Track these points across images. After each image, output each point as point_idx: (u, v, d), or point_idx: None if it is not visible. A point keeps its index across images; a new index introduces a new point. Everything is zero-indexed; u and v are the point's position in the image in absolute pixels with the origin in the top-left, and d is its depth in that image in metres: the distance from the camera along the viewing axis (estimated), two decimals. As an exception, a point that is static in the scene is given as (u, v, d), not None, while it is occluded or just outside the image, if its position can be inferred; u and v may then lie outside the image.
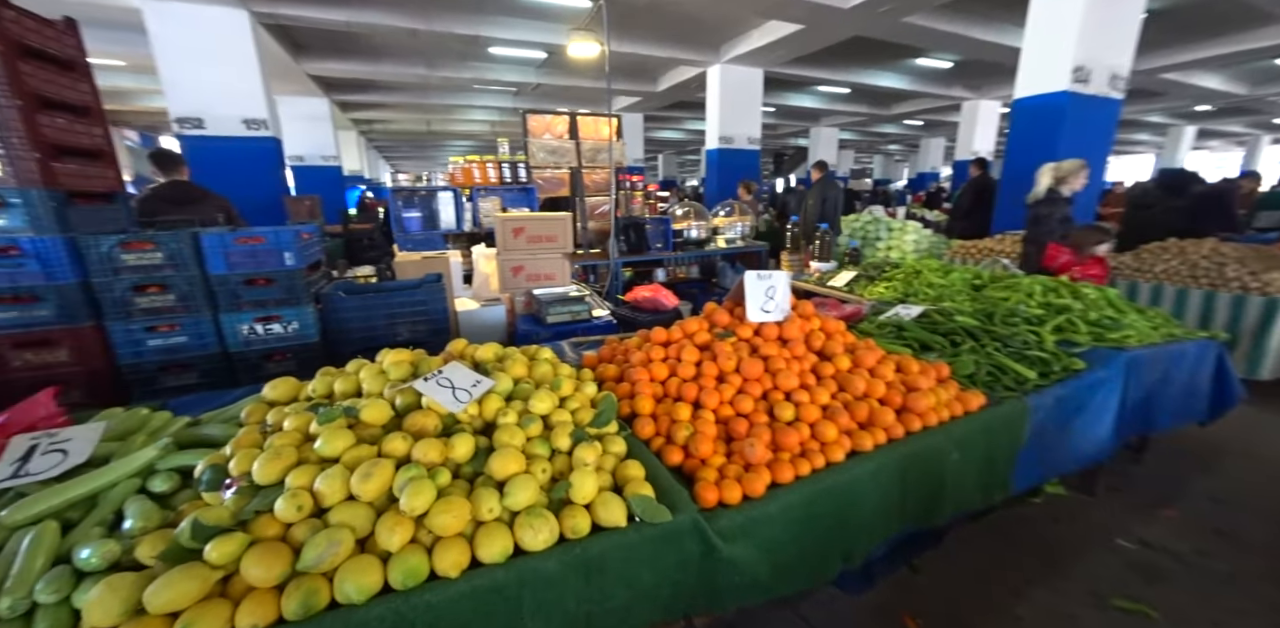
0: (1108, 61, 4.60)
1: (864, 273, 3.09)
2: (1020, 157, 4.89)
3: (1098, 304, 2.15)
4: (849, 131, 16.88)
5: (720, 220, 4.82)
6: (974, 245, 4.21)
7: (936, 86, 10.99)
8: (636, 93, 11.01)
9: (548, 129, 3.83)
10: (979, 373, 1.60)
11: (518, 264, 2.66)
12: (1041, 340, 1.84)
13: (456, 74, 8.82)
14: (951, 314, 2.00)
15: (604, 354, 1.59)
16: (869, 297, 2.71)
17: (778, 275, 1.54)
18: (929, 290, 2.48)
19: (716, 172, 8.91)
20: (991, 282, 2.48)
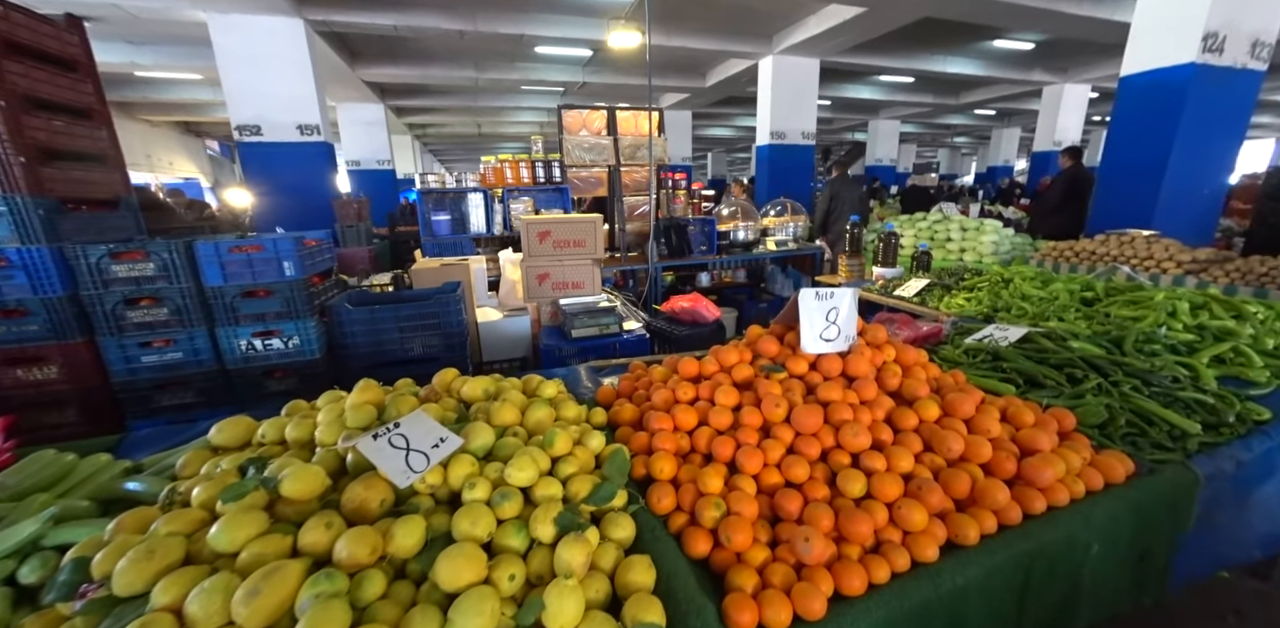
0: (1250, 25, 3.80)
1: (938, 281, 2.64)
2: (1126, 145, 4.18)
3: (1273, 327, 1.65)
4: (911, 124, 15.72)
5: (770, 221, 4.43)
6: (1070, 248, 3.59)
7: (1015, 71, 9.93)
8: (684, 89, 10.67)
9: (584, 125, 3.61)
10: (1114, 424, 1.20)
11: (543, 271, 2.44)
12: (1198, 377, 1.40)
13: (504, 75, 8.83)
14: (1064, 338, 1.58)
15: (624, 388, 1.31)
16: (947, 311, 2.28)
17: (842, 294, 1.20)
18: (1025, 305, 2.03)
19: (768, 169, 8.43)
20: (1108, 295, 2.00)
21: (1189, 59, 3.71)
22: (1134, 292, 1.93)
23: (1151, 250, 3.25)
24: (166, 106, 9.42)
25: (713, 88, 10.27)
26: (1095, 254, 3.49)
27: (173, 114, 10.12)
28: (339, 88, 8.46)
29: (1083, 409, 1.23)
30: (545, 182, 3.49)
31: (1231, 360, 1.48)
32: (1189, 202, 4.12)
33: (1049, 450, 1.01)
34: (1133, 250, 3.33)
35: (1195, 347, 1.52)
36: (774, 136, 8.27)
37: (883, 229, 3.18)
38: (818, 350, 1.16)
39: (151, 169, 10.21)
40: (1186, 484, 1.04)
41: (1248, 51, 3.86)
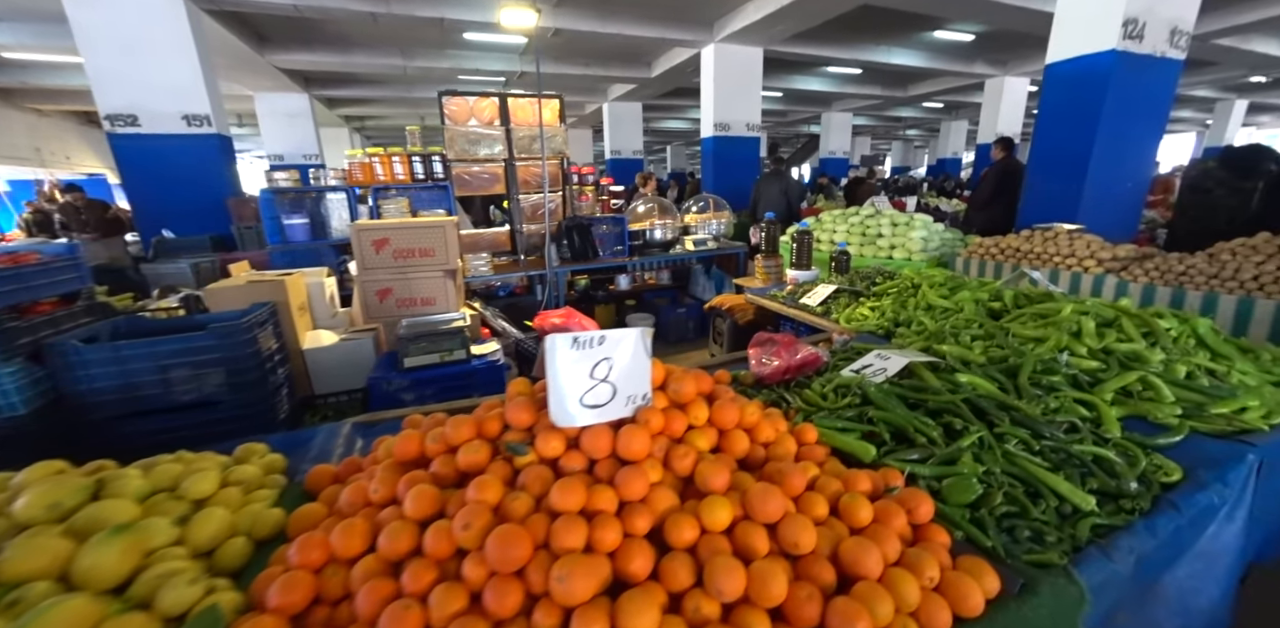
0: (1167, 13, 3.65)
1: (848, 286, 2.34)
2: (1053, 133, 3.99)
3: (1184, 347, 1.38)
4: (863, 117, 15.66)
5: (692, 218, 4.08)
6: (995, 244, 3.38)
7: (957, 63, 9.85)
8: (631, 79, 10.21)
9: (473, 114, 3.16)
10: (989, 501, 0.89)
11: (384, 286, 2.02)
12: (1101, 420, 1.11)
13: (435, 64, 8.19)
14: (953, 370, 1.28)
15: (344, 469, 0.93)
16: (847, 324, 1.98)
17: (620, 338, 0.85)
18: (925, 319, 1.74)
19: (713, 162, 8.10)
20: (1016, 305, 1.72)
21: (1110, 46, 3.52)
22: (1040, 304, 1.65)
23: (1074, 247, 3.04)
24: (56, 94, 8.38)
25: (659, 78, 9.85)
26: (1020, 251, 3.28)
27: (66, 102, 9.03)
28: (250, 75, 7.67)
29: (952, 484, 0.91)
30: (426, 178, 3.04)
31: (1139, 394, 1.20)
32: (1113, 194, 3.98)
33: (876, 577, 0.68)
34: (1055, 247, 3.12)
35: (1100, 377, 1.24)
36: (718, 128, 7.93)
37: (797, 227, 2.87)
38: (574, 423, 0.80)
39: (43, 164, 9.12)
40: (1067, 606, 0.73)
41: (1167, 39, 3.70)
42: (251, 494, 0.81)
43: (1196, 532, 0.92)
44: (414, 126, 3.33)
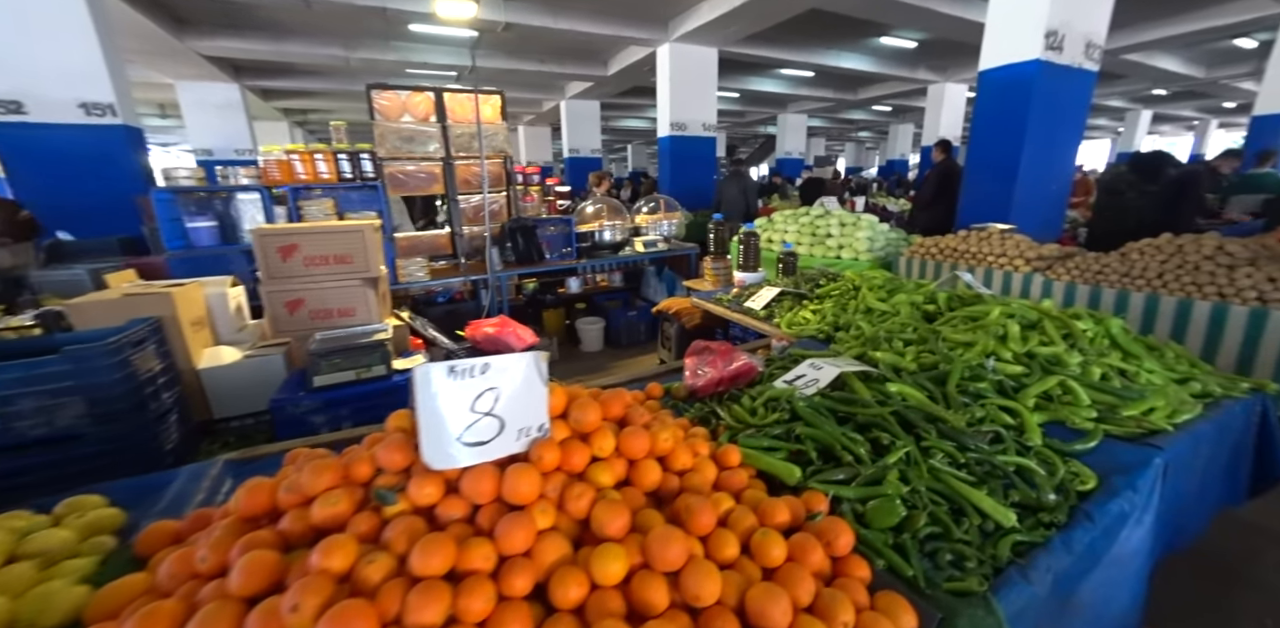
0: (1082, 27, 3.85)
1: (792, 289, 2.32)
2: (987, 136, 4.16)
3: (1100, 347, 1.41)
4: (817, 118, 16.06)
5: (643, 218, 4.01)
6: (935, 244, 3.47)
7: (902, 69, 10.21)
8: (587, 77, 10.03)
9: (406, 109, 2.96)
10: (913, 524, 0.85)
11: (295, 297, 1.83)
12: (1024, 431, 1.10)
13: (380, 56, 7.77)
14: (884, 379, 1.25)
15: (186, 526, 0.78)
16: (788, 329, 1.94)
17: (508, 365, 0.75)
18: (864, 323, 1.72)
19: (670, 161, 8.06)
20: (949, 308, 1.73)
21: (1034, 55, 3.68)
22: (971, 306, 1.66)
23: (1005, 247, 3.16)
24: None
25: (617, 77, 9.73)
26: (957, 251, 3.38)
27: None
28: (169, 62, 7.04)
29: (876, 507, 0.86)
30: (354, 178, 2.82)
31: (1059, 398, 1.21)
32: (1040, 195, 4.18)
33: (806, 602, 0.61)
34: (989, 247, 3.23)
35: (1023, 382, 1.24)
36: (675, 128, 7.89)
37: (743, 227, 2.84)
38: (454, 463, 0.70)
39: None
40: (985, 637, 0.69)
41: (1082, 52, 3.91)
42: (55, 568, 0.66)
43: (1109, 541, 0.91)
44: (339, 122, 3.08)
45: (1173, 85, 11.72)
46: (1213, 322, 2.27)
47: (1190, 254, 2.46)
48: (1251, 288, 2.20)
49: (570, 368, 3.36)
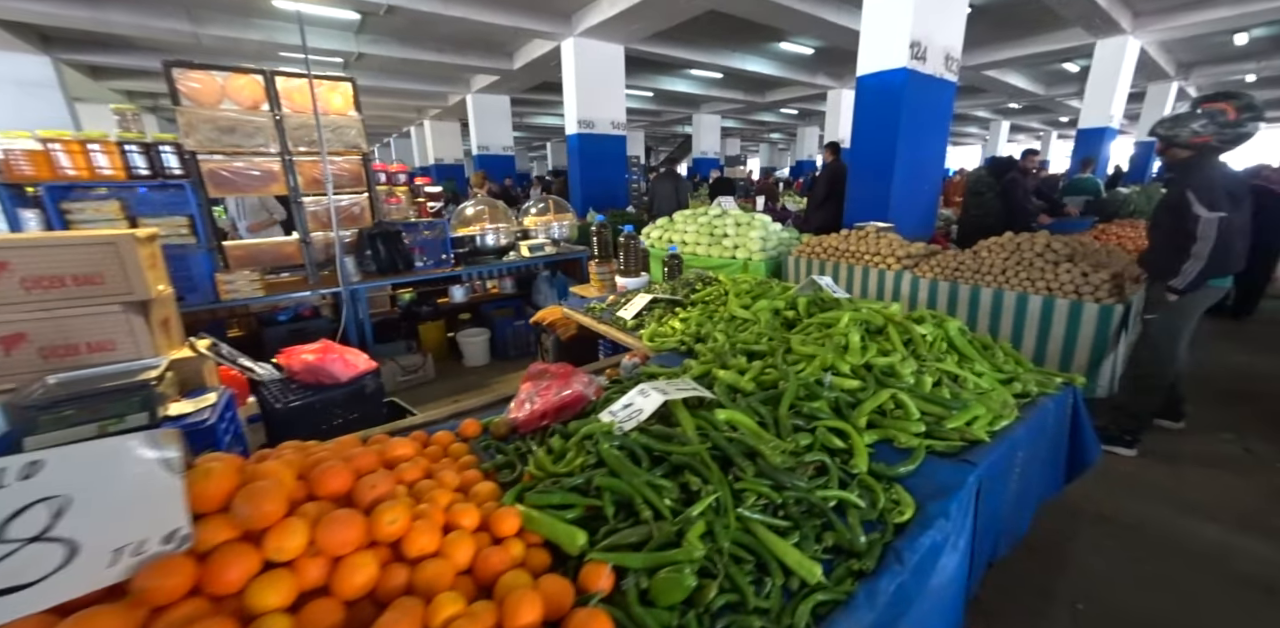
0: (941, 41, 4.13)
1: (667, 295, 2.19)
2: (866, 138, 4.34)
3: (938, 351, 1.39)
4: (731, 119, 16.50)
5: (531, 220, 3.75)
6: (820, 243, 3.55)
7: (802, 74, 10.68)
8: (493, 70, 9.49)
9: (226, 94, 2.49)
10: (702, 598, 0.70)
11: (11, 331, 1.40)
12: (854, 454, 1.01)
13: (238, 35, 6.78)
14: (718, 404, 1.12)
15: None
16: (649, 342, 1.80)
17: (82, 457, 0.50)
18: (719, 334, 1.61)
19: (579, 160, 7.80)
20: (808, 314, 1.67)
21: (902, 64, 3.88)
22: (828, 312, 1.60)
23: (879, 245, 3.28)
24: None
25: (524, 71, 9.29)
26: (838, 250, 3.47)
27: None
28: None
29: (662, 581, 0.71)
30: (153, 174, 2.31)
31: (892, 413, 1.15)
32: (914, 195, 4.44)
33: None
34: (866, 245, 3.34)
35: (859, 397, 1.17)
36: (582, 125, 7.65)
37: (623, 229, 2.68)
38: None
39: None
40: None
41: (943, 63, 4.19)
42: None
43: (921, 580, 0.83)
44: (128, 106, 2.52)
45: (1022, 100, 13.33)
46: (1044, 313, 2.45)
47: (1026, 251, 2.65)
48: (1070, 282, 2.39)
49: (449, 386, 3.04)
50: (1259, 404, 2.78)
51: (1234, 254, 1.98)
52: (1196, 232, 1.94)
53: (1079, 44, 8.04)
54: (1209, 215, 1.90)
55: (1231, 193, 1.93)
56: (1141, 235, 3.93)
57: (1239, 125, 1.88)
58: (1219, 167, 2.00)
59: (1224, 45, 9.06)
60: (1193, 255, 1.96)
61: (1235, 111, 1.88)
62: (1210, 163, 2.00)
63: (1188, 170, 2.04)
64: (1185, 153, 2.04)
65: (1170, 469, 2.17)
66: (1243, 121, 1.88)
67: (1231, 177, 1.98)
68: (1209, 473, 2.15)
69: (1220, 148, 1.97)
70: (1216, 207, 1.90)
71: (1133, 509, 1.93)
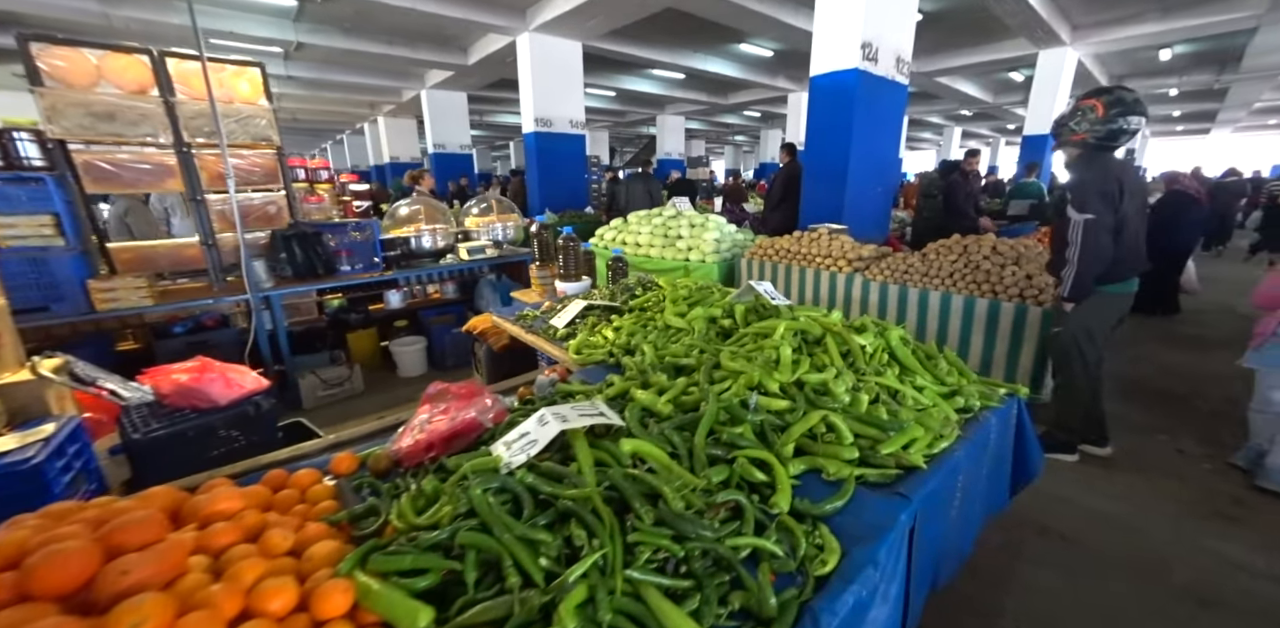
0: (892, 43, 4.15)
1: (603, 301, 2.04)
2: (820, 138, 4.32)
3: (878, 363, 1.29)
4: (695, 121, 16.55)
5: (473, 221, 3.53)
6: (772, 246, 3.47)
7: (763, 76, 10.76)
8: (447, 65, 9.14)
9: (103, 76, 2.18)
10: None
11: None
12: (775, 490, 0.88)
13: (156, 17, 6.23)
14: (628, 432, 0.97)
15: None
16: (575, 354, 1.64)
17: None
18: (647, 346, 1.47)
19: (536, 159, 7.57)
20: (745, 322, 1.55)
21: (854, 64, 3.86)
22: (764, 321, 1.49)
23: (831, 248, 3.22)
24: None
25: (480, 67, 8.98)
26: (790, 252, 3.40)
27: None
28: None
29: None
30: (6, 165, 1.99)
31: (823, 437, 1.03)
32: (868, 197, 4.45)
33: None
34: (818, 248, 3.28)
35: (788, 419, 1.04)
36: (539, 124, 7.43)
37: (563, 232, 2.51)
38: None
39: None
40: None
41: (894, 66, 4.21)
42: None
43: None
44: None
45: (973, 107, 13.91)
46: (990, 317, 2.42)
47: (973, 254, 2.64)
48: (1015, 285, 2.37)
49: (379, 400, 2.80)
50: (1188, 403, 2.86)
51: (1121, 259, 1.87)
52: (1067, 235, 1.86)
53: (1024, 54, 8.40)
54: (1077, 218, 1.82)
55: (1107, 193, 1.81)
56: (1081, 237, 4.04)
57: (1109, 121, 1.80)
58: (1103, 165, 1.88)
59: (1151, 60, 9.66)
60: (1067, 260, 1.88)
61: (1103, 108, 1.81)
62: (1089, 162, 1.91)
63: (1071, 170, 1.99)
64: (1074, 152, 1.98)
65: (1108, 474, 2.17)
66: (1112, 117, 1.80)
67: (1114, 176, 1.84)
68: (1145, 477, 2.16)
69: (1100, 145, 1.87)
70: (1085, 208, 1.81)
71: (1074, 520, 1.89)
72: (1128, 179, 1.85)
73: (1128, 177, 1.86)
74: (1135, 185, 1.88)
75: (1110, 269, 1.88)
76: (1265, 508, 1.95)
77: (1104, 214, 1.80)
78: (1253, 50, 8.21)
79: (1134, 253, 1.93)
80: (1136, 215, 1.91)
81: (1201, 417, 2.68)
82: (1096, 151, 1.91)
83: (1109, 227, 1.81)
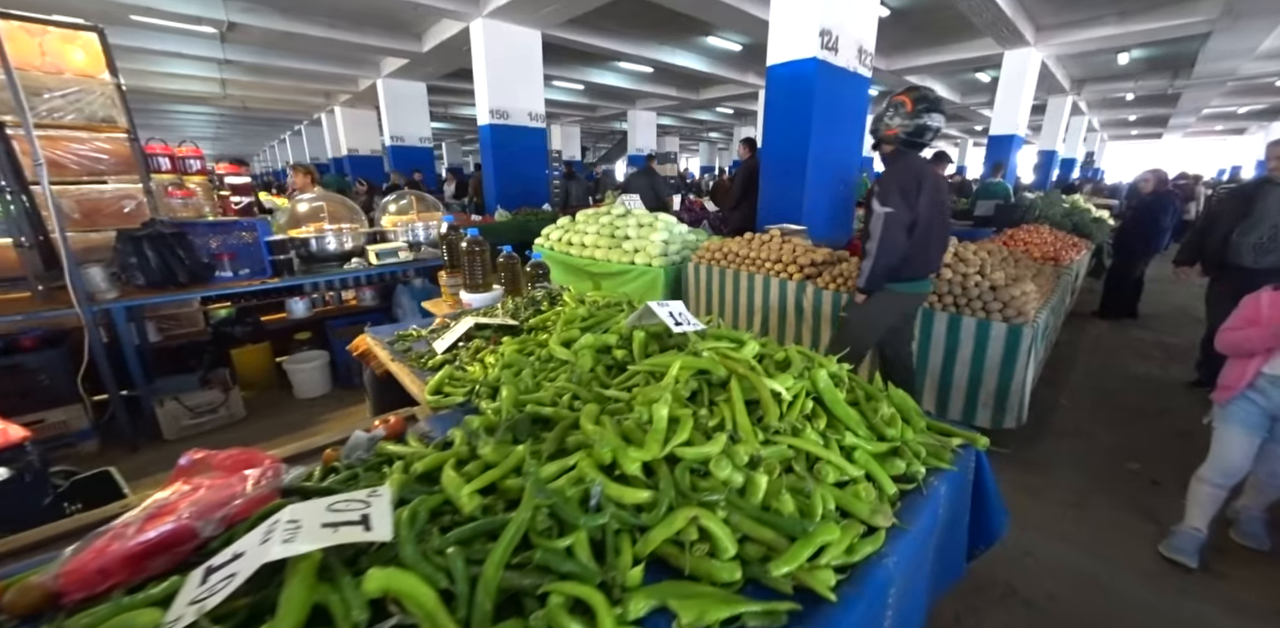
0: (854, 33, 3.86)
1: (497, 319, 1.68)
2: (778, 132, 4.02)
3: (794, 419, 0.97)
4: (667, 116, 16.20)
5: (390, 220, 3.12)
6: (720, 249, 3.16)
7: (732, 71, 10.47)
8: (401, 53, 8.56)
9: None
10: None
11: None
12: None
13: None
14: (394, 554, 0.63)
15: None
16: (429, 396, 1.28)
17: None
18: (508, 387, 1.13)
19: (492, 153, 7.11)
20: (645, 353, 1.22)
21: (812, 53, 3.57)
22: (662, 355, 1.16)
23: (783, 251, 2.91)
24: None
25: (435, 54, 8.44)
26: (739, 256, 3.09)
27: None
28: None
29: None
30: None
31: (692, 549, 0.70)
32: (829, 195, 4.19)
33: None
34: (768, 252, 2.97)
35: (644, 520, 0.71)
36: (495, 116, 6.97)
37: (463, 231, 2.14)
38: None
39: None
40: None
41: (856, 57, 3.94)
42: None
43: None
44: None
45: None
46: (950, 333, 2.16)
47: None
48: (978, 298, 2.11)
49: (266, 427, 2.39)
50: (1160, 421, 2.66)
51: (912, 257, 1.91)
52: (869, 227, 1.93)
53: (990, 53, 8.30)
54: (879, 210, 1.88)
55: (906, 189, 1.86)
56: (1046, 241, 3.87)
57: (916, 117, 1.84)
58: (907, 163, 1.93)
59: (1109, 64, 9.73)
60: (866, 252, 1.93)
61: (911, 104, 1.86)
62: (896, 158, 1.97)
63: (884, 165, 2.03)
64: (888, 148, 1.99)
65: (1079, 517, 1.92)
66: (918, 113, 1.84)
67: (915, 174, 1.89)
68: (1117, 520, 1.91)
69: (909, 141, 1.91)
70: (887, 202, 1.87)
71: (1039, 578, 1.62)
72: (927, 180, 1.89)
73: (928, 179, 1.90)
74: (935, 188, 1.91)
75: (901, 266, 1.92)
76: (1249, 560, 1.71)
77: (901, 210, 1.85)
78: (1205, 56, 8.29)
79: (925, 253, 1.96)
80: (934, 218, 1.93)
81: (1175, 439, 2.48)
82: (905, 147, 1.95)
83: (904, 222, 1.86)
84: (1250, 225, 2.60)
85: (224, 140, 22.99)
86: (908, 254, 1.89)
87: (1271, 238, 2.54)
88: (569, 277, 3.91)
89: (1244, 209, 2.63)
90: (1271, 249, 2.55)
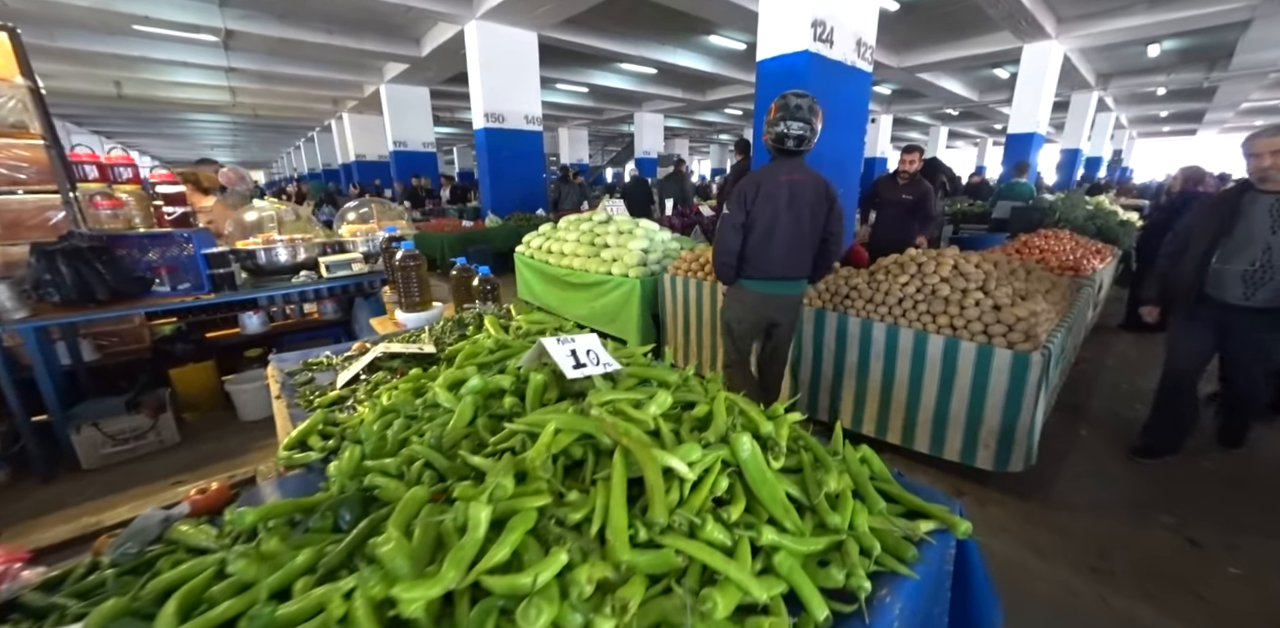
0: (850, 24, 3.58)
1: (409, 348, 1.46)
2: (769, 136, 3.75)
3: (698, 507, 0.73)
4: (675, 118, 15.96)
5: (349, 229, 2.94)
6: (697, 260, 2.91)
7: (738, 71, 10.19)
8: (401, 57, 8.51)
9: None
10: None
11: None
12: None
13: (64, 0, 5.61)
14: None
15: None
16: (282, 452, 1.07)
17: None
18: (353, 448, 0.90)
19: (488, 157, 6.97)
20: (539, 402, 0.99)
21: (804, 46, 3.30)
22: (544, 411, 0.92)
23: (766, 262, 2.67)
24: None
25: (434, 58, 8.36)
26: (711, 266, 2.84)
27: None
28: None
29: None
30: None
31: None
32: (827, 201, 3.90)
33: None
34: (751, 262, 2.73)
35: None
36: (490, 119, 6.83)
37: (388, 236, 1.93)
38: None
39: None
40: None
41: (854, 49, 3.65)
42: None
43: None
44: None
45: (958, 105, 13.38)
46: (946, 359, 1.87)
47: (929, 275, 2.07)
48: (978, 318, 1.82)
49: (202, 453, 2.21)
50: (1195, 464, 2.23)
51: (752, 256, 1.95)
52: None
53: (1008, 48, 7.87)
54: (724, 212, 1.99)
55: (741, 193, 1.90)
56: (1065, 248, 3.51)
57: (775, 124, 1.88)
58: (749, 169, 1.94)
59: (1138, 57, 9.17)
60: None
61: (774, 110, 1.88)
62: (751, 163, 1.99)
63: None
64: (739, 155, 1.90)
65: (1098, 583, 1.60)
66: (776, 120, 1.87)
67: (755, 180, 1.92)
68: (1146, 588, 1.58)
69: (775, 147, 1.93)
70: (725, 204, 1.97)
71: None
72: (766, 187, 1.89)
73: (768, 185, 1.90)
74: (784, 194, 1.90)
75: (742, 265, 1.99)
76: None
77: (734, 212, 1.92)
78: (1244, 45, 7.72)
79: (765, 254, 1.95)
80: (777, 221, 1.91)
81: (1219, 485, 2.09)
82: (776, 153, 1.95)
83: (735, 224, 1.93)
84: (1233, 248, 1.91)
85: (242, 148, 23.50)
86: (745, 253, 1.96)
87: (1265, 265, 1.85)
88: (549, 287, 3.70)
89: (1222, 226, 1.93)
90: (1265, 280, 1.86)
